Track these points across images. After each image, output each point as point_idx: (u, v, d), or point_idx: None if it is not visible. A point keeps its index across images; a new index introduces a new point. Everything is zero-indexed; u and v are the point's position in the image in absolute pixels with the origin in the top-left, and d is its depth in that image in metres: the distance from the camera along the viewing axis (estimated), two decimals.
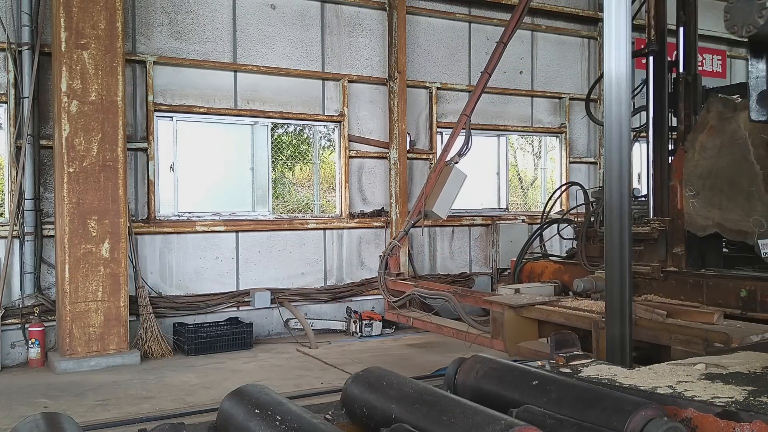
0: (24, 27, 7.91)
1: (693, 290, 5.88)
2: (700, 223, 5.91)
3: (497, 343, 5.94)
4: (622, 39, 3.46)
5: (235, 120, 9.39)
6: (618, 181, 3.55)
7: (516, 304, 5.90)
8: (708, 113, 5.90)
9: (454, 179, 8.07)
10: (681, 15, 6.78)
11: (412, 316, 7.27)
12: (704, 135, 5.89)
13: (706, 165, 5.85)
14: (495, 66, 8.39)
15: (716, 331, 4.41)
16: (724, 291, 5.59)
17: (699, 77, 6.76)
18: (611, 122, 3.59)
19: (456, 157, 8.26)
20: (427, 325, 7.05)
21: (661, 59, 6.72)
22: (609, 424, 2.33)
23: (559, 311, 5.64)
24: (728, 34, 2.78)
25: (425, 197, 8.14)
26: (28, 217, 7.95)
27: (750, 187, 5.44)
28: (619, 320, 3.50)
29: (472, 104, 8.30)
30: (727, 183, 5.65)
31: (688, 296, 5.88)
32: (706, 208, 5.82)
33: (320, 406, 2.87)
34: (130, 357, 7.75)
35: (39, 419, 2.37)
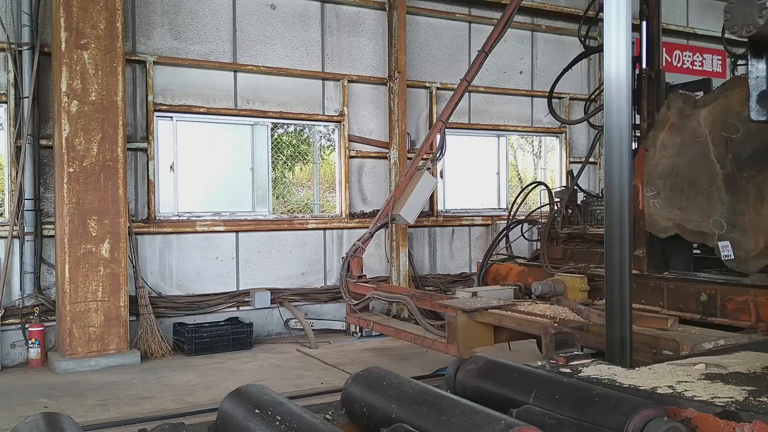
0: (24, 27, 7.91)
1: (654, 294, 5.64)
2: (660, 225, 5.67)
3: (452, 348, 5.73)
4: (622, 39, 3.45)
5: (235, 120, 9.39)
6: (618, 181, 3.54)
7: (468, 309, 5.68)
8: (668, 110, 5.67)
9: (424, 185, 7.88)
10: (644, 8, 6.42)
11: (372, 320, 7.06)
12: (665, 133, 5.67)
13: (667, 164, 5.60)
14: (474, 75, 8.25)
15: (666, 338, 4.20)
16: (684, 295, 5.36)
17: (662, 73, 6.46)
18: (611, 123, 3.58)
19: (429, 163, 8.10)
20: (386, 329, 6.84)
21: None
22: (609, 424, 2.33)
23: (510, 316, 5.42)
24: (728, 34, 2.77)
25: (393, 201, 7.94)
26: (28, 217, 7.95)
27: (710, 187, 5.22)
28: (619, 320, 3.49)
29: (449, 111, 8.17)
30: (687, 183, 5.43)
31: (649, 300, 5.64)
32: (667, 209, 5.57)
33: (320, 406, 2.88)
34: (130, 357, 7.74)
35: (39, 419, 2.38)
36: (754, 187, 4.91)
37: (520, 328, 5.27)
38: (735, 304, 4.83)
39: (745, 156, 4.99)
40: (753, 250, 4.91)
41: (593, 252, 6.56)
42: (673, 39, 12.86)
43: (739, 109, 5.01)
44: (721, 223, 5.08)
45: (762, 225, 4.84)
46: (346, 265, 7.69)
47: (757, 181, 4.90)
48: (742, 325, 4.78)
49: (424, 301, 6.35)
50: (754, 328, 4.66)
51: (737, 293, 4.93)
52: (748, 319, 4.79)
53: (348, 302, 7.47)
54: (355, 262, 7.70)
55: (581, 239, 6.80)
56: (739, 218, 5.00)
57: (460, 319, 5.65)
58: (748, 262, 4.98)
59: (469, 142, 11.39)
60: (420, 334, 6.20)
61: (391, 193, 8.34)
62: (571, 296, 5.99)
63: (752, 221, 4.92)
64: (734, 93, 5.15)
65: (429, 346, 6.07)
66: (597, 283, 6.14)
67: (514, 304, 5.84)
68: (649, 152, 5.81)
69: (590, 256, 6.57)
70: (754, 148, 4.91)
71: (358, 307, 7.25)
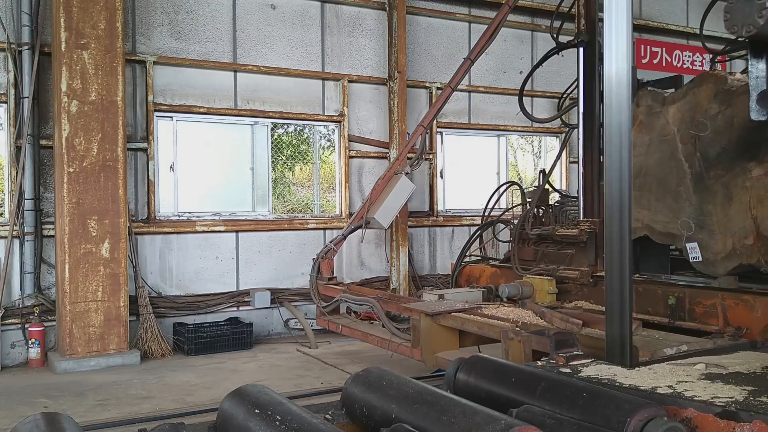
0: (24, 27, 7.91)
1: None
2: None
3: (416, 352, 5.61)
4: (622, 39, 3.46)
5: (235, 120, 9.39)
6: (618, 181, 3.53)
7: (431, 312, 5.54)
8: (637, 108, 5.47)
9: (401, 189, 7.82)
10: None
11: (341, 323, 6.93)
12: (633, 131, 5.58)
13: (636, 163, 5.35)
14: (459, 81, 8.20)
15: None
16: (653, 298, 5.17)
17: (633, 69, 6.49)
18: (611, 123, 3.58)
19: (408, 168, 8.02)
20: (354, 332, 6.71)
21: (591, 51, 6.28)
22: (609, 424, 2.33)
23: (473, 319, 5.28)
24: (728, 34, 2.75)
25: (369, 204, 7.85)
26: (28, 217, 7.94)
27: (678, 187, 5.05)
28: (619, 320, 3.49)
29: (430, 117, 8.10)
30: (655, 182, 5.26)
31: None
32: (636, 209, 5.31)
33: (320, 406, 2.88)
34: (130, 357, 7.74)
35: (39, 419, 2.38)
36: (722, 186, 4.74)
37: (482, 332, 5.13)
38: (703, 308, 4.64)
39: (712, 155, 4.83)
40: (721, 251, 4.76)
41: (563, 253, 6.37)
42: (673, 39, 12.86)
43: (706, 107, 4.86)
44: (689, 224, 4.93)
45: (730, 226, 4.68)
46: (317, 267, 7.51)
47: (724, 181, 4.72)
48: (710, 330, 4.61)
49: (391, 304, 6.19)
50: (722, 332, 4.48)
51: (705, 296, 4.74)
52: (716, 323, 4.62)
53: (317, 304, 7.31)
54: (326, 264, 7.54)
55: (552, 240, 6.61)
56: (707, 219, 4.83)
57: (423, 323, 5.52)
58: (716, 264, 4.81)
59: (469, 142, 11.39)
60: (386, 338, 6.07)
61: (367, 196, 8.21)
62: (539, 299, 5.86)
63: (720, 222, 4.76)
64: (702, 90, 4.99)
65: (395, 350, 5.94)
66: (566, 285, 5.98)
67: (480, 307, 5.69)
68: None
69: (560, 258, 6.38)
70: (722, 147, 4.75)
71: (327, 309, 7.10)
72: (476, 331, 5.22)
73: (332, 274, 7.64)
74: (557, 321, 4.89)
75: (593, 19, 6.34)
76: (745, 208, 4.55)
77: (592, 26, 6.34)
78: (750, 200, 4.51)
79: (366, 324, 6.89)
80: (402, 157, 8.11)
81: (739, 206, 4.58)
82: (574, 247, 6.18)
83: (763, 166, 4.42)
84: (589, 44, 6.30)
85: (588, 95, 6.29)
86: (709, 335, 4.47)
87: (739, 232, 4.57)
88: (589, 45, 6.30)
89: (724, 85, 4.85)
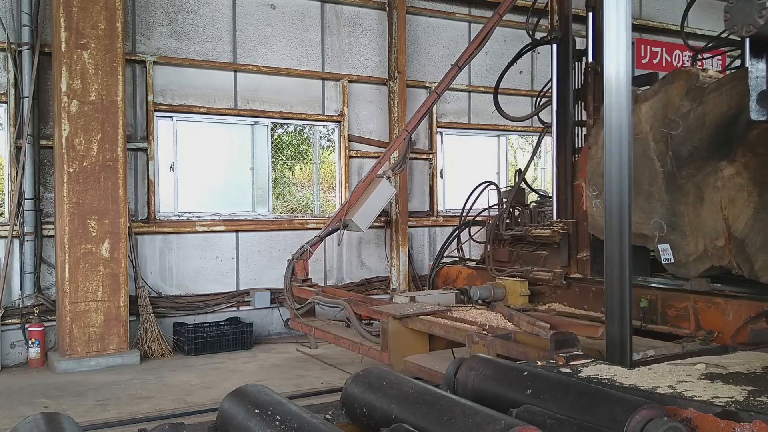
0: (24, 27, 7.91)
1: (596, 299, 5.26)
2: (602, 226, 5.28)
3: (386, 356, 5.49)
4: (622, 39, 3.46)
5: (235, 120, 9.39)
6: (618, 182, 3.53)
7: (399, 315, 5.41)
8: None
9: (381, 192, 7.69)
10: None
11: (313, 326, 6.81)
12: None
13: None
14: (446, 88, 8.12)
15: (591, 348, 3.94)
16: None
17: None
18: (611, 123, 3.58)
19: (389, 172, 7.91)
20: (327, 336, 6.58)
21: (565, 48, 6.10)
22: (609, 424, 2.32)
23: (440, 323, 5.14)
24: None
25: (348, 206, 7.73)
26: (28, 217, 7.94)
27: (650, 187, 4.90)
28: (619, 320, 3.49)
29: (415, 122, 8.00)
30: None
31: (591, 306, 5.28)
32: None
33: (320, 406, 2.88)
34: (130, 357, 7.74)
35: (39, 419, 2.38)
36: (694, 186, 4.61)
37: (448, 335, 5.02)
38: (675, 311, 4.48)
39: (684, 153, 4.70)
40: (693, 253, 4.62)
41: (538, 255, 6.24)
42: (674, 39, 12.86)
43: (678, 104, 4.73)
44: (661, 225, 4.80)
45: (701, 227, 4.55)
46: (291, 269, 7.34)
47: (696, 180, 4.59)
48: (681, 333, 4.47)
49: (361, 306, 6.07)
50: (693, 336, 4.35)
51: (677, 299, 4.59)
52: (688, 326, 4.48)
53: (290, 306, 7.15)
54: (300, 265, 7.39)
55: (526, 241, 6.48)
56: (679, 220, 4.70)
57: (391, 326, 5.40)
58: (688, 266, 4.68)
59: (469, 142, 11.39)
60: (358, 341, 5.95)
61: (347, 198, 8.08)
62: (512, 301, 5.76)
63: (692, 223, 4.63)
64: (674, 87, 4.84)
65: (365, 354, 5.83)
66: (539, 287, 5.84)
67: (449, 309, 5.56)
68: (591, 150, 5.46)
69: (535, 259, 6.24)
70: (694, 145, 4.62)
71: (301, 311, 6.96)
72: (443, 334, 5.09)
73: (307, 275, 7.46)
74: (524, 324, 4.78)
75: (567, 16, 6.15)
76: (717, 208, 4.42)
77: (565, 23, 6.14)
78: (721, 200, 4.39)
79: (339, 327, 6.73)
80: (384, 160, 8.01)
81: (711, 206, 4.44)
82: (548, 248, 6.04)
83: (734, 166, 4.30)
84: (562, 41, 6.10)
85: (561, 93, 6.09)
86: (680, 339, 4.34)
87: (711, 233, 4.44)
88: (562, 42, 6.10)
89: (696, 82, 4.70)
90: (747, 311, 4.17)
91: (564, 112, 6.05)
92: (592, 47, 6.02)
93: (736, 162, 4.29)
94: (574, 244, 5.72)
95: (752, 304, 4.19)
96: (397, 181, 10.20)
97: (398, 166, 8.03)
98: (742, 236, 4.20)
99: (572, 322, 4.79)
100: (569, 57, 6.07)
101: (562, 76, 6.08)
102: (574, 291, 5.53)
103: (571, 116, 6.06)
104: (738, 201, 4.27)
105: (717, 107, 4.41)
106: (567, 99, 6.04)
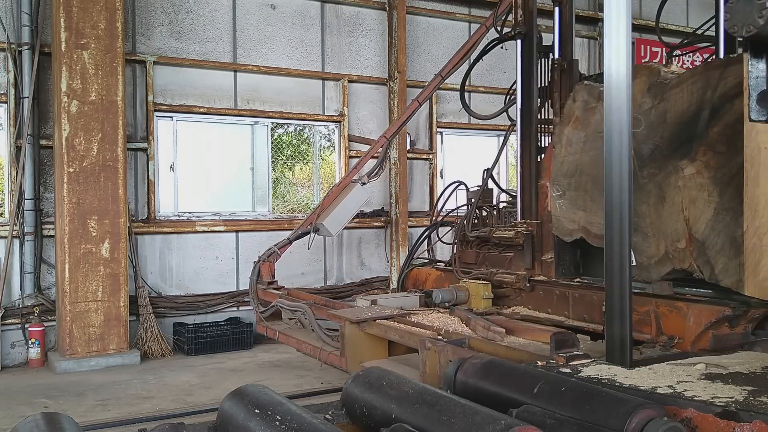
0: (24, 27, 7.92)
1: (560, 302, 5.09)
2: (566, 227, 5.08)
3: (345, 361, 5.29)
4: (622, 39, 3.45)
5: (235, 120, 9.39)
6: (618, 182, 3.52)
7: (356, 319, 5.22)
8: (574, 103, 5.10)
9: (354, 198, 7.53)
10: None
11: (277, 330, 6.61)
12: (569, 128, 5.11)
13: (572, 161, 5.05)
14: (427, 97, 7.97)
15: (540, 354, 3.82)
16: (589, 304, 4.82)
17: (575, 63, 5.78)
18: (611, 124, 3.57)
19: (365, 178, 7.73)
20: (289, 340, 6.38)
21: (529, 43, 5.86)
22: (609, 424, 2.33)
23: (395, 327, 4.96)
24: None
25: (321, 210, 7.58)
26: (28, 217, 7.95)
27: None
28: (619, 320, 3.48)
29: (394, 129, 7.85)
30: (591, 181, 4.88)
31: (555, 309, 5.12)
32: (572, 210, 5.00)
33: (320, 406, 2.88)
34: (130, 357, 7.74)
35: (39, 419, 2.38)
36: (655, 186, 4.46)
37: (403, 340, 4.85)
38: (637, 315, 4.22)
39: (646, 152, 4.53)
40: (654, 255, 4.47)
41: (503, 256, 6.03)
42: (674, 39, 12.85)
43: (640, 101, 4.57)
44: None
45: (663, 228, 4.39)
46: (257, 271, 7.17)
47: (658, 180, 4.44)
48: (643, 338, 4.29)
49: (322, 310, 5.89)
50: (653, 341, 4.21)
51: (639, 303, 4.36)
52: (649, 331, 4.32)
53: (255, 309, 7.01)
54: (266, 267, 7.22)
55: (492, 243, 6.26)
56: (641, 221, 4.53)
57: (348, 331, 5.23)
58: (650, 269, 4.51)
59: (469, 142, 11.39)
60: (319, 345, 5.77)
61: (320, 202, 7.93)
62: (475, 304, 5.61)
63: (653, 224, 4.47)
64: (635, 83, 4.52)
65: (325, 359, 5.64)
66: (504, 290, 5.66)
67: (408, 313, 5.37)
68: (555, 149, 5.28)
69: (501, 261, 6.04)
70: (655, 144, 4.47)
71: (265, 315, 6.81)
72: (398, 339, 4.91)
73: (273, 277, 7.29)
74: (480, 329, 4.62)
75: (531, 10, 5.90)
76: (678, 209, 4.25)
77: (530, 17, 5.88)
78: (683, 201, 4.21)
79: (303, 331, 6.49)
80: (360, 165, 7.93)
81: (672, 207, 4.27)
82: (513, 250, 5.84)
83: (695, 165, 4.12)
84: (527, 36, 5.86)
85: (526, 90, 5.85)
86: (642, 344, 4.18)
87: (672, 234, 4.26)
88: (527, 37, 5.86)
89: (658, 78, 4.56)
90: (708, 316, 4.01)
91: (528, 110, 5.83)
92: (559, 43, 5.83)
93: (697, 161, 4.12)
94: (539, 246, 5.52)
95: (713, 308, 4.03)
96: (397, 182, 10.22)
97: (374, 172, 7.81)
98: (703, 238, 4.04)
99: (528, 326, 4.66)
100: (533, 53, 5.85)
101: (527, 72, 5.85)
102: (539, 294, 5.36)
103: (535, 114, 5.85)
104: (699, 201, 4.10)
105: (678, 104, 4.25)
106: (531, 96, 5.83)
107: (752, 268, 3.75)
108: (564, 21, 5.83)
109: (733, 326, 4.04)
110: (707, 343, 4.00)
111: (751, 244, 3.73)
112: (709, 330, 4.00)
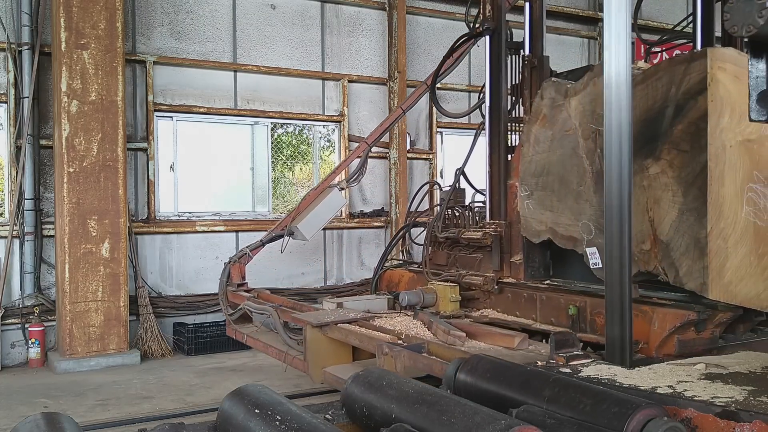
0: (24, 27, 7.92)
1: (527, 305, 4.99)
2: (534, 228, 4.98)
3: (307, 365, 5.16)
4: (622, 39, 3.45)
5: (235, 120, 9.39)
6: (618, 181, 3.52)
7: (317, 323, 5.08)
8: (541, 100, 4.97)
9: (331, 203, 7.45)
10: None
11: (245, 333, 6.47)
12: (537, 126, 5.01)
13: (540, 161, 4.93)
14: (412, 105, 7.88)
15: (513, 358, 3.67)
16: (556, 307, 4.69)
17: (546, 60, 5.65)
18: (611, 123, 3.57)
19: (344, 183, 7.70)
20: (257, 343, 6.24)
21: (498, 39, 5.71)
22: (609, 424, 2.33)
23: (355, 332, 4.83)
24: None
25: (296, 214, 7.45)
26: (28, 217, 7.95)
27: (579, 187, 4.57)
28: (619, 320, 3.48)
29: (376, 135, 7.79)
30: (558, 181, 4.76)
31: (523, 312, 5.01)
32: (539, 211, 4.90)
33: (320, 406, 2.88)
34: (130, 357, 7.75)
35: (39, 419, 2.38)
36: None
37: (362, 345, 4.71)
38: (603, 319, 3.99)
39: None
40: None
41: (474, 258, 5.87)
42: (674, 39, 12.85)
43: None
44: (589, 227, 4.48)
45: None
46: (227, 272, 7.01)
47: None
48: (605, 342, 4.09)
49: (287, 313, 5.74)
50: None
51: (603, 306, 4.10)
52: None
53: (224, 312, 6.91)
54: (236, 269, 7.05)
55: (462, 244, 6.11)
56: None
57: (309, 335, 5.10)
58: None
59: (469, 142, 11.35)
60: (284, 349, 5.63)
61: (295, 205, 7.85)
62: (442, 307, 5.49)
63: None
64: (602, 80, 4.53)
65: (289, 363, 5.52)
66: (473, 292, 5.55)
67: (372, 317, 5.22)
68: (524, 148, 5.18)
69: (471, 262, 5.88)
70: None
71: (234, 317, 6.69)
72: (357, 344, 4.79)
73: (243, 279, 7.13)
74: (440, 333, 4.49)
75: (500, 5, 5.74)
76: (643, 209, 4.11)
77: (498, 12, 5.72)
78: (647, 201, 4.09)
79: (271, 334, 6.34)
80: (339, 170, 7.90)
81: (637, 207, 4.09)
82: (483, 252, 5.70)
83: (659, 164, 4.01)
84: (495, 32, 5.69)
85: (494, 88, 5.69)
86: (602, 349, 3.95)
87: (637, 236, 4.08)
88: (495, 33, 5.69)
89: None
90: (673, 320, 3.88)
91: (498, 108, 5.68)
92: (530, 39, 5.68)
93: (662, 160, 4.00)
94: (507, 247, 5.37)
95: (678, 312, 3.89)
96: (397, 182, 10.21)
97: (353, 177, 7.77)
98: (667, 239, 3.92)
99: (490, 330, 4.52)
100: (502, 49, 5.68)
101: (495, 69, 5.69)
102: (507, 296, 5.24)
103: (504, 112, 5.71)
104: (663, 201, 3.98)
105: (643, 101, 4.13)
106: (500, 94, 5.68)
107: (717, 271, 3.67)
108: (535, 17, 5.67)
109: (700, 331, 3.89)
110: (673, 348, 3.86)
111: (716, 246, 3.66)
112: (674, 335, 3.86)
